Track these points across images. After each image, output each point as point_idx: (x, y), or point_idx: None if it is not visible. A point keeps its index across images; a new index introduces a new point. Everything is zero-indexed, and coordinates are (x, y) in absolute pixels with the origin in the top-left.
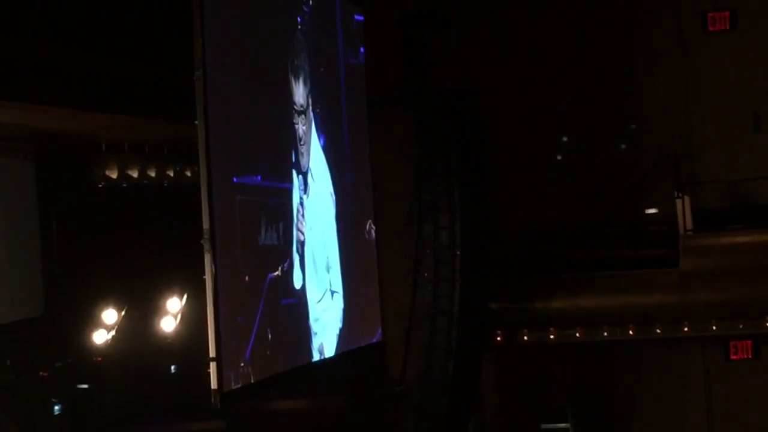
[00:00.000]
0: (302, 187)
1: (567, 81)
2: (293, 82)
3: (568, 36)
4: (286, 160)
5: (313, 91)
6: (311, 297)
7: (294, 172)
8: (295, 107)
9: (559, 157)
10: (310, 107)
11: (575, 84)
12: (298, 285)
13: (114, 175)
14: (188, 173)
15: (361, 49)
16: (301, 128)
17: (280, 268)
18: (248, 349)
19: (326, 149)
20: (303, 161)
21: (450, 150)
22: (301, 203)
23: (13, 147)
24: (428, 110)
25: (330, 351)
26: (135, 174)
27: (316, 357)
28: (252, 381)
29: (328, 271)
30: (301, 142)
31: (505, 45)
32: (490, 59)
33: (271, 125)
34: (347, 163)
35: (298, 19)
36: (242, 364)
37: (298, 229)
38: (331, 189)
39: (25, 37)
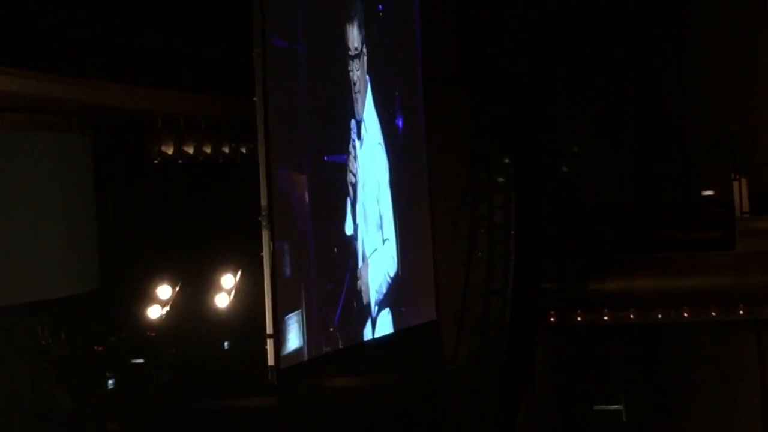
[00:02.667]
0: (356, 132)
1: (624, 62)
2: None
3: (625, 17)
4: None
5: (385, 66)
6: (362, 250)
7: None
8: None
9: (615, 138)
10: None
11: (632, 64)
12: (349, 231)
13: (169, 151)
14: (243, 150)
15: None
16: (355, 76)
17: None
18: (336, 316)
19: (403, 129)
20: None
21: (506, 129)
22: (354, 147)
23: (70, 122)
24: (485, 90)
25: (378, 316)
26: (190, 150)
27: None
28: (340, 347)
29: (380, 228)
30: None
31: (561, 24)
32: (546, 38)
33: (334, 103)
34: (419, 144)
35: (380, 7)
36: (331, 329)
37: (350, 171)
38: (383, 148)
39: (82, 13)
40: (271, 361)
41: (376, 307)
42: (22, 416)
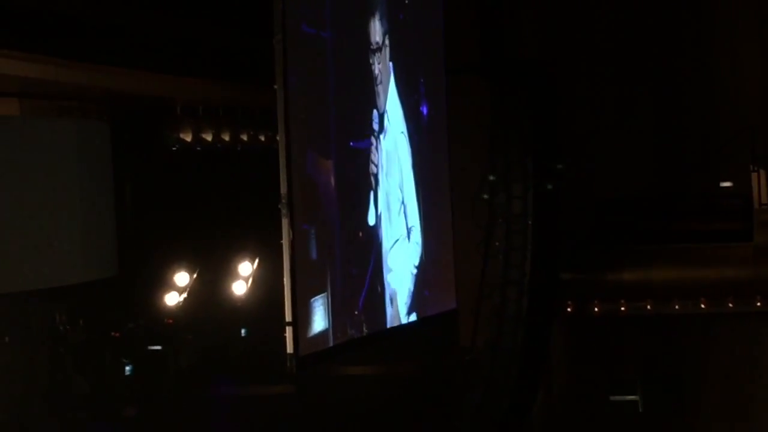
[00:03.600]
0: (378, 124)
1: (643, 52)
2: (372, 29)
3: (645, 6)
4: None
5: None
6: (385, 241)
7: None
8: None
9: (633, 128)
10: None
11: (651, 54)
12: (372, 222)
13: (188, 138)
14: (262, 138)
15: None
16: (377, 69)
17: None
18: (361, 300)
19: (427, 116)
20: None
21: (525, 119)
22: (377, 138)
23: (90, 108)
24: (504, 79)
25: (402, 304)
26: (209, 137)
27: (389, 310)
28: (365, 330)
29: (405, 215)
30: (379, 88)
31: (580, 14)
32: (566, 28)
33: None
34: (442, 132)
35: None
36: (356, 312)
37: (371, 162)
38: (406, 136)
39: (102, 0)
40: (290, 349)
41: (401, 293)
42: (39, 401)
